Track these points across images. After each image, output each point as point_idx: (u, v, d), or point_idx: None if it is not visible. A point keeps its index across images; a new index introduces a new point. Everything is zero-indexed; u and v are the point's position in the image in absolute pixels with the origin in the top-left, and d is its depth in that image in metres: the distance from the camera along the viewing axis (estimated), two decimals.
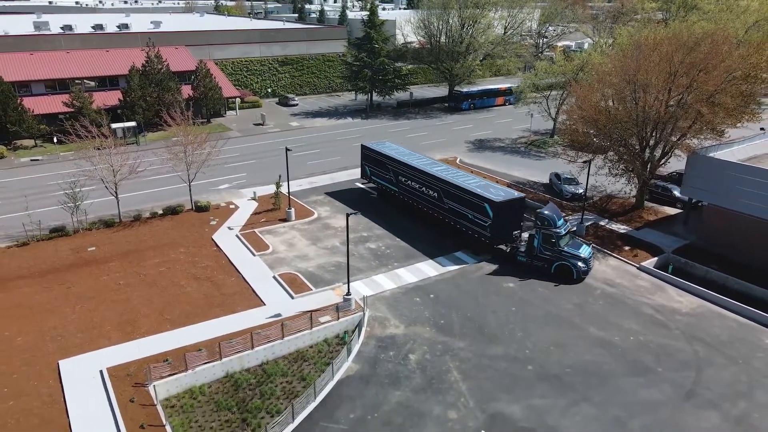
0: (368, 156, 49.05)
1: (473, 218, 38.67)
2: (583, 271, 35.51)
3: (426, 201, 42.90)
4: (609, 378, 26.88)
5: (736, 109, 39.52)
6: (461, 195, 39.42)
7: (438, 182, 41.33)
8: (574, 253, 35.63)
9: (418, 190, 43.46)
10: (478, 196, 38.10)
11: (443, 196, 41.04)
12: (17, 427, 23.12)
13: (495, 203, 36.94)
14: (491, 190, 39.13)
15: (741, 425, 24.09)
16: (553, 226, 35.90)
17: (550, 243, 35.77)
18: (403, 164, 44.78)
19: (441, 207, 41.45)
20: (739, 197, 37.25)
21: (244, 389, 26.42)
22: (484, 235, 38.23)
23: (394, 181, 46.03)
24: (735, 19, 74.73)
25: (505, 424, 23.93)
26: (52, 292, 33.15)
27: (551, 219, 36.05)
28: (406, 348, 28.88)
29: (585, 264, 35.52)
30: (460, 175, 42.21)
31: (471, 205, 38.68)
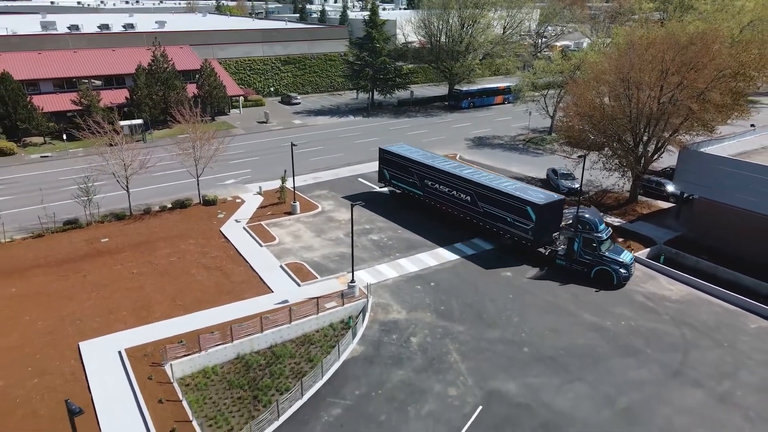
0: (388, 159, 47.97)
1: (513, 221, 38.11)
2: (624, 277, 34.78)
3: (457, 205, 42.20)
4: (601, 359, 28.33)
5: (725, 106, 40.98)
6: (499, 198, 38.85)
7: (471, 185, 40.74)
8: (615, 258, 35.00)
9: (448, 194, 42.73)
10: (519, 199, 37.56)
11: (477, 200, 40.41)
12: (42, 402, 24.57)
13: (538, 206, 36.52)
14: (530, 192, 38.74)
15: (724, 402, 25.54)
16: (595, 230, 35.31)
17: (591, 247, 35.28)
18: (429, 167, 44.01)
19: (475, 211, 40.81)
20: (728, 190, 38.67)
21: (254, 369, 27.86)
22: (525, 239, 37.75)
23: (419, 185, 45.15)
24: (730, 19, 76.13)
25: (502, 400, 25.38)
26: (68, 280, 34.60)
27: (592, 223, 35.56)
28: (408, 332, 30.34)
29: (626, 270, 34.86)
30: (493, 178, 41.86)
31: (511, 208, 38.11)
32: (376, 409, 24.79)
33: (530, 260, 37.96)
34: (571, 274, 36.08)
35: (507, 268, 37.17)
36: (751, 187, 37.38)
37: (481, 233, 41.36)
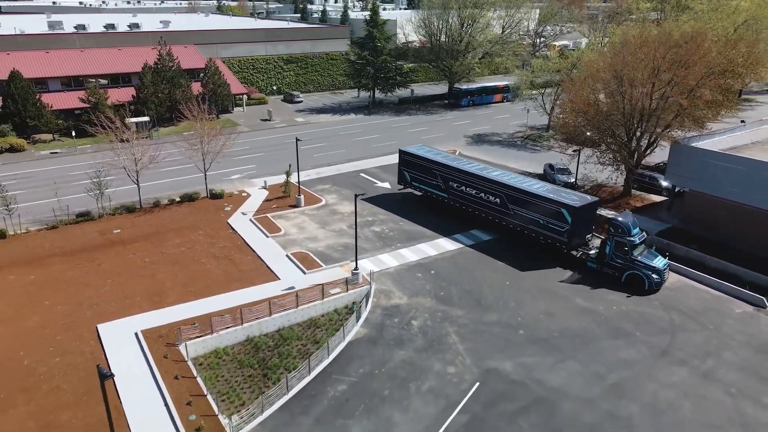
0: (409, 161, 47.29)
1: (546, 224, 37.86)
2: (656, 283, 34.22)
3: (485, 207, 41.85)
4: (592, 341, 29.84)
5: (715, 102, 42.49)
6: (532, 200, 38.53)
7: (501, 188, 40.42)
8: (648, 263, 34.50)
9: (475, 196, 42.34)
10: (554, 201, 37.31)
11: (508, 202, 40.09)
12: (65, 378, 26.10)
13: (574, 208, 36.28)
14: (563, 194, 38.37)
15: (708, 379, 27.05)
16: (627, 234, 34.91)
17: (623, 251, 34.86)
18: (455, 169, 43.60)
19: (505, 213, 40.54)
20: (718, 183, 40.19)
21: (263, 350, 29.37)
22: (560, 241, 37.56)
23: (443, 187, 44.68)
24: (725, 18, 77.64)
25: (498, 378, 26.89)
26: (84, 269, 36.14)
27: (625, 226, 35.10)
28: (409, 315, 31.86)
29: (659, 276, 34.25)
30: (523, 180, 41.59)
31: (544, 211, 37.83)
32: (380, 385, 26.31)
33: (563, 262, 37.78)
34: (602, 278, 35.76)
35: (503, 257, 38.56)
36: (740, 179, 38.89)
37: (479, 225, 42.89)
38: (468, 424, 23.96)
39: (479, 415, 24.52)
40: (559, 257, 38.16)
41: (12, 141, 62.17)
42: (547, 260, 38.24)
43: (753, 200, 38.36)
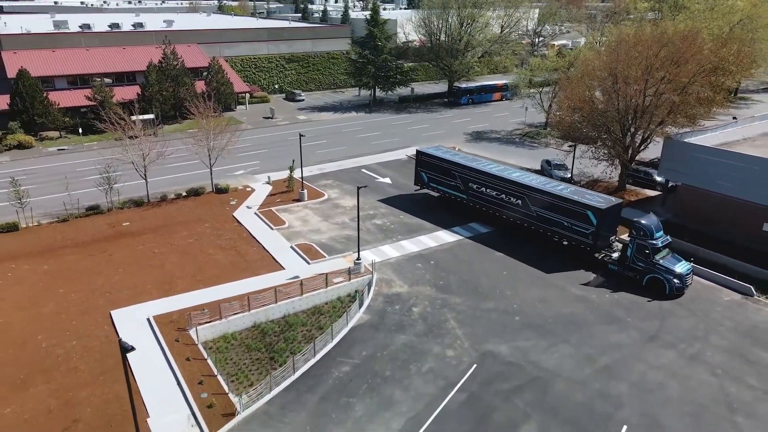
0: (426, 162, 47.14)
1: (570, 226, 37.64)
2: (677, 287, 33.71)
3: (506, 209, 41.65)
4: (585, 326, 31.12)
5: (706, 99, 43.75)
6: (555, 202, 38.30)
7: (524, 189, 40.17)
8: (669, 267, 34.04)
9: (496, 198, 42.09)
10: (579, 203, 37.08)
11: (530, 204, 39.90)
12: (82, 360, 27.39)
13: (600, 210, 36.01)
14: (588, 196, 38.11)
15: (694, 360, 28.34)
16: (649, 237, 34.61)
17: (644, 254, 34.62)
18: (475, 170, 43.41)
19: (527, 215, 40.32)
20: (709, 177, 41.45)
21: (270, 335, 30.66)
22: (584, 243, 37.27)
23: (463, 188, 44.49)
24: (720, 18, 78.92)
25: (495, 360, 28.17)
26: (95, 259, 37.44)
27: (647, 229, 34.80)
28: (409, 303, 33.15)
29: (680, 281, 33.73)
30: (545, 181, 41.30)
31: (568, 213, 37.57)
32: (382, 366, 27.60)
33: (585, 264, 37.45)
34: (623, 280, 35.51)
35: (500, 248, 39.80)
36: (730, 174, 40.17)
37: (478, 218, 44.17)
38: (466, 402, 25.24)
39: (476, 393, 25.80)
40: (581, 259, 37.84)
41: (20, 138, 63.41)
42: (543, 251, 39.46)
43: (742, 193, 39.62)
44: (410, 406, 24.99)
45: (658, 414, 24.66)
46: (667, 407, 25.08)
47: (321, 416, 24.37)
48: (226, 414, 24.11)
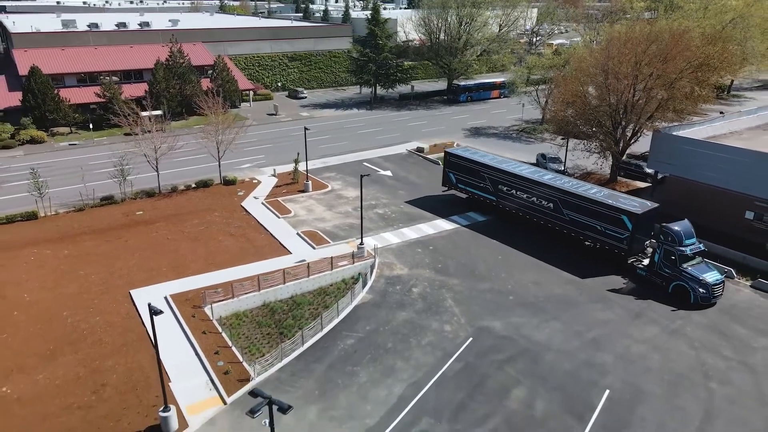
0: (455, 163, 47.12)
1: (604, 230, 37.11)
2: (703, 297, 32.69)
3: (537, 212, 41.39)
4: (574, 305, 33.18)
5: (692, 94, 45.83)
6: (589, 206, 37.85)
7: (556, 192, 39.78)
8: (697, 275, 33.00)
9: (527, 201, 41.85)
10: (613, 207, 36.52)
11: (562, 207, 39.48)
12: (105, 333, 29.48)
13: (636, 215, 35.48)
14: (622, 200, 37.54)
15: (675, 334, 30.42)
16: (678, 244, 33.82)
17: (670, 261, 33.93)
18: (505, 172, 43.17)
19: (559, 218, 39.96)
20: (695, 168, 43.49)
21: (279, 313, 32.75)
22: (618, 248, 36.69)
23: (492, 190, 44.29)
24: (713, 17, 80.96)
25: (489, 334, 30.24)
26: (112, 245, 39.52)
27: (677, 235, 34.00)
28: (410, 284, 35.24)
29: (706, 290, 32.62)
30: (577, 184, 40.67)
31: (602, 217, 37.07)
32: (384, 339, 29.67)
33: (616, 270, 37.01)
34: (649, 286, 35.01)
35: (496, 236, 41.86)
36: (714, 165, 42.21)
37: (475, 207, 46.24)
38: (462, 370, 27.31)
39: (472, 363, 27.87)
40: (612, 263, 37.46)
41: (33, 133, 65.51)
42: (536, 238, 41.42)
43: (726, 183, 41.64)
44: (410, 373, 27.06)
45: (639, 381, 26.72)
46: (647, 375, 27.15)
47: (328, 382, 26.45)
48: (241, 380, 26.18)
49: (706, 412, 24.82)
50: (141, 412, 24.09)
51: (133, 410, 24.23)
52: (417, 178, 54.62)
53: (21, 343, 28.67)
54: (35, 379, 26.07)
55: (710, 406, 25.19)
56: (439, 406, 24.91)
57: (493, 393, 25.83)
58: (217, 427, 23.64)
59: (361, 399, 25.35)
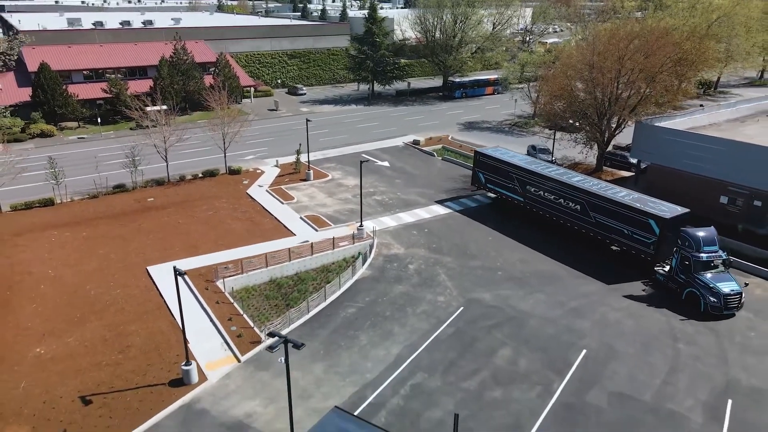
0: (484, 163, 47.12)
1: (631, 234, 36.50)
2: (713, 306, 31.51)
3: (564, 214, 41.03)
4: (558, 280, 35.91)
5: (672, 87, 48.66)
6: (616, 209, 37.24)
7: (583, 194, 39.28)
8: (709, 284, 31.88)
9: (554, 202, 41.50)
10: (641, 211, 35.86)
11: (589, 209, 39.00)
12: (126, 303, 32.10)
13: (664, 220, 34.73)
14: (651, 204, 36.70)
15: (648, 304, 33.17)
16: (694, 249, 32.84)
17: (685, 266, 33.10)
18: (533, 173, 42.92)
19: (585, 221, 39.52)
20: (675, 157, 46.26)
21: (285, 288, 35.40)
22: (645, 253, 35.99)
23: (520, 190, 44.15)
24: (699, 15, 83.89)
25: (479, 304, 32.96)
26: (127, 228, 42.10)
27: (695, 241, 33.01)
28: (406, 261, 37.95)
29: (718, 300, 31.40)
30: (606, 187, 40.09)
31: (629, 221, 36.46)
32: (382, 309, 32.36)
33: (646, 275, 36.32)
34: (666, 292, 34.35)
35: (487, 220, 44.57)
36: (692, 153, 45.00)
37: (467, 194, 48.96)
38: (453, 334, 30.02)
39: (462, 328, 30.59)
40: (638, 268, 36.81)
41: (42, 127, 67.95)
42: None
43: (703, 170, 44.42)
44: (406, 337, 29.76)
45: (614, 342, 29.48)
46: (621, 338, 29.91)
47: (332, 344, 29.13)
48: (253, 342, 28.84)
49: (672, 367, 27.59)
50: (164, 368, 26.73)
51: (157, 366, 26.87)
52: (413, 168, 57.31)
53: (50, 311, 31.26)
54: (66, 341, 28.67)
55: (676, 362, 27.96)
56: (432, 364, 27.62)
57: (481, 353, 28.54)
58: (233, 380, 26.30)
59: (362, 358, 28.04)
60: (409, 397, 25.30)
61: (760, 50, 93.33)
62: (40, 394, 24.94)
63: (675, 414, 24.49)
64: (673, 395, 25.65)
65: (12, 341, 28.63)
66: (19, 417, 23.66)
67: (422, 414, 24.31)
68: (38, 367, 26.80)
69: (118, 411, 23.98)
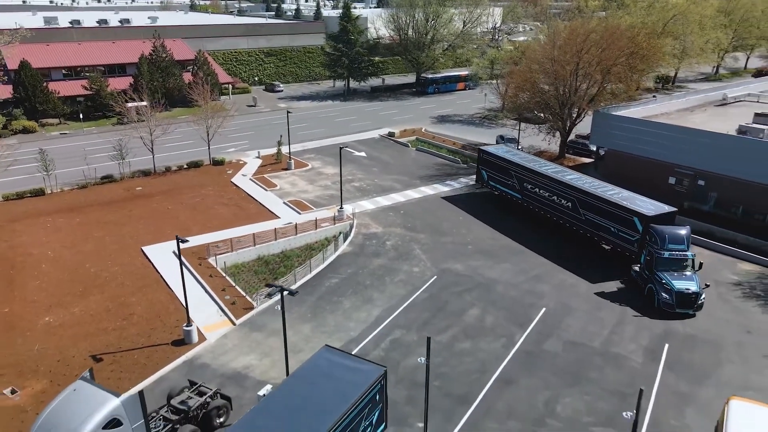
0: (487, 161, 47.93)
1: (617, 232, 36.58)
2: (664, 303, 31.52)
3: (557, 211, 41.53)
4: (523, 253, 39.49)
5: (625, 78, 52.89)
6: (604, 207, 37.43)
7: (574, 192, 39.69)
8: (663, 280, 31.88)
9: (548, 199, 41.95)
10: (625, 208, 35.97)
11: (579, 207, 39.33)
12: (125, 278, 34.57)
13: (647, 217, 34.71)
14: (638, 202, 36.76)
15: (604, 271, 36.99)
16: (657, 245, 32.97)
17: (648, 262, 33.41)
18: (529, 171, 43.43)
19: (576, 218, 39.90)
20: (628, 143, 50.41)
21: (272, 264, 38.22)
22: (629, 251, 36.08)
23: (518, 188, 44.63)
24: (656, 13, 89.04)
25: (451, 273, 36.32)
26: (118, 214, 44.35)
27: (660, 237, 33.05)
28: (384, 238, 41.13)
29: (671, 297, 31.26)
30: (598, 185, 40.26)
31: (615, 218, 36.61)
32: (363, 279, 35.49)
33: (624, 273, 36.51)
34: (637, 288, 34.45)
35: (458, 202, 48.03)
36: (645, 138, 49.19)
37: (440, 179, 52.37)
38: (427, 298, 33.31)
39: (436, 293, 33.90)
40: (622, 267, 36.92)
41: (25, 123, 69.21)
42: (488, 206, 47.55)
43: (654, 154, 48.65)
44: (385, 301, 32.93)
45: (570, 302, 33.13)
46: (576, 297, 33.60)
47: (318, 308, 32.14)
48: (246, 308, 31.67)
49: (619, 320, 31.34)
50: (166, 331, 29.40)
51: (159, 330, 29.53)
52: (389, 158, 60.52)
53: (53, 287, 33.56)
54: (72, 311, 31.07)
55: (623, 317, 31.72)
56: (409, 323, 30.85)
57: (453, 313, 31.88)
58: (229, 339, 29.12)
59: (345, 319, 31.12)
60: (389, 350, 28.47)
61: (713, 47, 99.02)
62: (54, 355, 27.40)
63: (619, 356, 28.18)
64: (619, 342, 29.37)
65: (21, 312, 30.92)
66: (37, 373, 26.11)
67: (401, 362, 27.51)
68: (49, 333, 29.19)
69: (128, 366, 26.61)
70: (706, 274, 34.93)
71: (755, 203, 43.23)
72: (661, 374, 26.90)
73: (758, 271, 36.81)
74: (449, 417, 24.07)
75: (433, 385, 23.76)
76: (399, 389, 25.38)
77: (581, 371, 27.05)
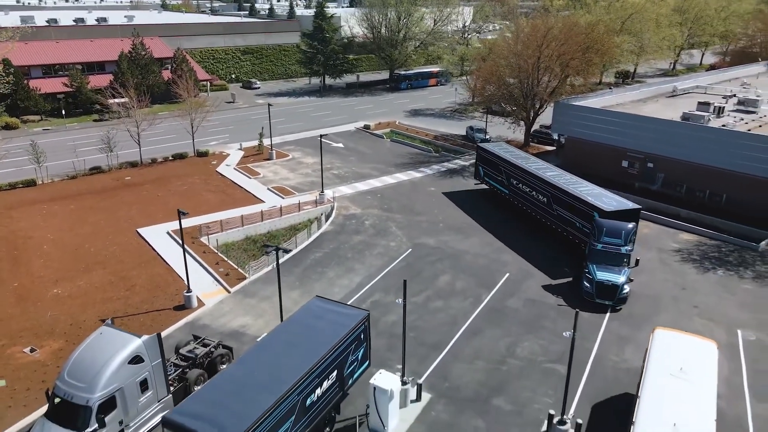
0: (483, 157, 48.74)
1: (581, 227, 36.97)
2: (585, 292, 32.44)
3: (535, 206, 42.13)
4: (490, 228, 43.38)
5: (582, 70, 57.38)
6: (570, 201, 37.91)
7: (548, 187, 40.15)
8: (590, 271, 32.53)
9: (529, 194, 42.55)
10: (587, 203, 36.28)
11: (552, 202, 39.83)
12: (124, 256, 37.28)
13: (605, 212, 35.01)
14: (604, 198, 36.96)
15: (558, 241, 41.10)
16: (594, 238, 33.63)
17: (584, 253, 34.60)
18: (515, 166, 43.91)
19: (549, 213, 40.41)
20: (585, 130, 54.87)
21: (259, 242, 41.32)
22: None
23: (506, 183, 45.22)
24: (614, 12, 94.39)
25: (424, 246, 39.97)
26: (110, 201, 46.84)
27: (598, 230, 33.62)
28: (363, 218, 44.58)
29: (591, 286, 32.07)
30: (574, 182, 40.38)
31: (579, 213, 36.98)
32: (344, 253, 38.89)
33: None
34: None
35: (431, 186, 51.77)
36: (600, 126, 53.68)
37: (414, 166, 56.04)
38: (403, 267, 36.89)
39: (411, 263, 37.50)
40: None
41: (7, 120, 70.62)
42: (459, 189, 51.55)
43: (608, 140, 53.10)
44: (365, 270, 36.41)
45: (529, 268, 37.07)
46: (534, 260, 37.59)
47: (305, 277, 35.44)
48: (239, 278, 34.78)
49: (573, 284, 35.39)
50: (167, 299, 32.35)
51: (161, 298, 32.46)
52: (366, 149, 63.96)
53: (57, 264, 36.12)
54: (78, 284, 33.74)
55: (577, 282, 35.78)
56: (387, 287, 34.38)
57: (426, 279, 35.52)
58: (226, 304, 32.24)
59: (330, 285, 34.49)
60: (371, 308, 31.58)
61: (669, 44, 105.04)
62: (66, 320, 30.13)
63: (571, 310, 32.08)
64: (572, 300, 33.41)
65: (30, 286, 33.48)
66: (52, 335, 28.83)
67: (381, 318, 31.01)
68: (59, 302, 31.85)
69: (135, 328, 29.42)
70: (651, 242, 39.41)
71: (697, 182, 48.01)
72: (607, 322, 30.99)
73: (696, 240, 41.40)
74: (423, 361, 27.68)
75: (409, 336, 27.24)
76: (380, 339, 28.88)
77: (538, 322, 30.97)
